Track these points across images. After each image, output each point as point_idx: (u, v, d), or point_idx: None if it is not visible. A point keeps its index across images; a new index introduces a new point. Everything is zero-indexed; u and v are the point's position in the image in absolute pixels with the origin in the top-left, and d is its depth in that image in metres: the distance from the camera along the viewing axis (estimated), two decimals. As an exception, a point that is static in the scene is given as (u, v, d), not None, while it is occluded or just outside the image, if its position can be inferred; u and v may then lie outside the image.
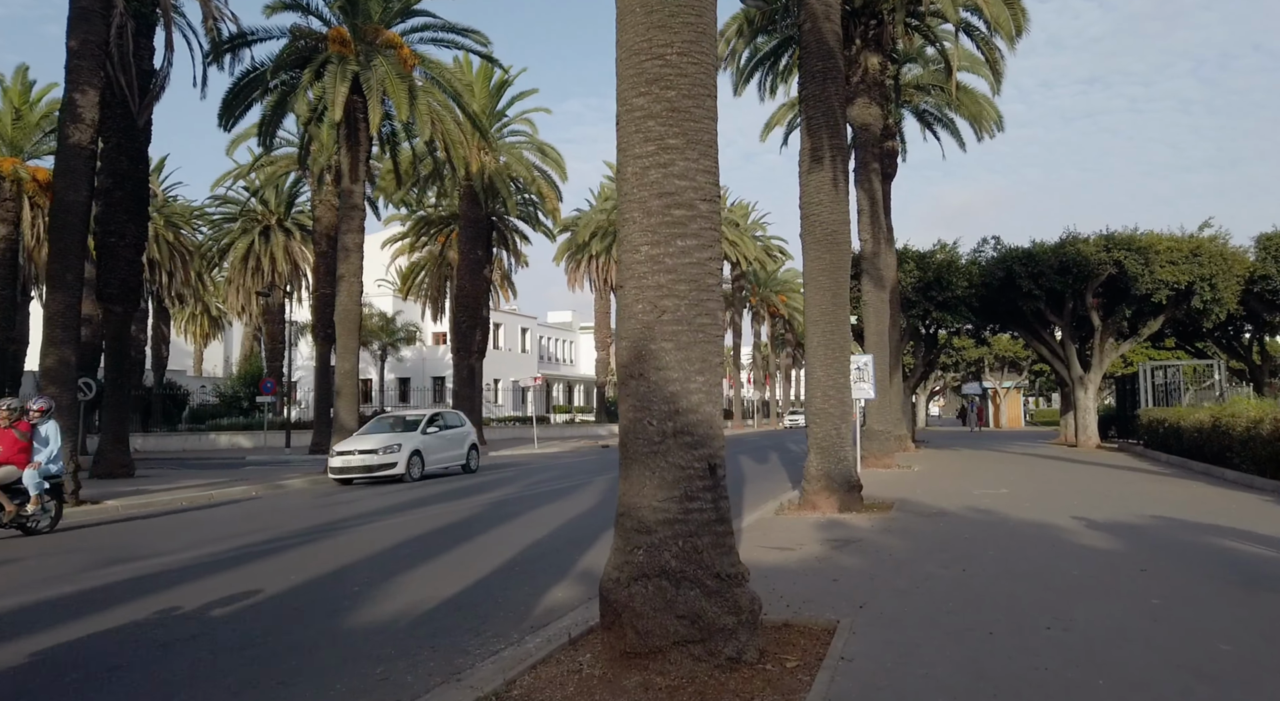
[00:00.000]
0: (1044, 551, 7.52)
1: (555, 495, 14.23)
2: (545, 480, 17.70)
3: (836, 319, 10.90)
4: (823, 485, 10.71)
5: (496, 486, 16.28)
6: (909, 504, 11.38)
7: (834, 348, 10.89)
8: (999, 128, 25.57)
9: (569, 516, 11.36)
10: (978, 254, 26.91)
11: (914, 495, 12.46)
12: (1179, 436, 18.60)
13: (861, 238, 19.05)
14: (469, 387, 31.24)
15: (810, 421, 11.08)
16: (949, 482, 14.60)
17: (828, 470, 10.74)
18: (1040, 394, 69.07)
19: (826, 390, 10.88)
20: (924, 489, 13.46)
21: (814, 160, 10.95)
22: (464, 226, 30.39)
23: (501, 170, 29.32)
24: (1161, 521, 9.24)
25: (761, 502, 12.14)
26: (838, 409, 10.87)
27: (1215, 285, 23.37)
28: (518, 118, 30.47)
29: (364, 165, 19.57)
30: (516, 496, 14.30)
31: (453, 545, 9.10)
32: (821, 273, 10.93)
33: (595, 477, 17.51)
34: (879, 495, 12.46)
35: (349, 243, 19.36)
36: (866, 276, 18.98)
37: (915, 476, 16.10)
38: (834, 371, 10.88)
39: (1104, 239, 24.31)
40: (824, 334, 10.91)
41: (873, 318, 18.74)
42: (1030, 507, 10.70)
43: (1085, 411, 26.18)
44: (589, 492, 14.59)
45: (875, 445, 18.35)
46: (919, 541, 8.17)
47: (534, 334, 72.39)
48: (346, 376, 19.11)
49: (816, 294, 10.98)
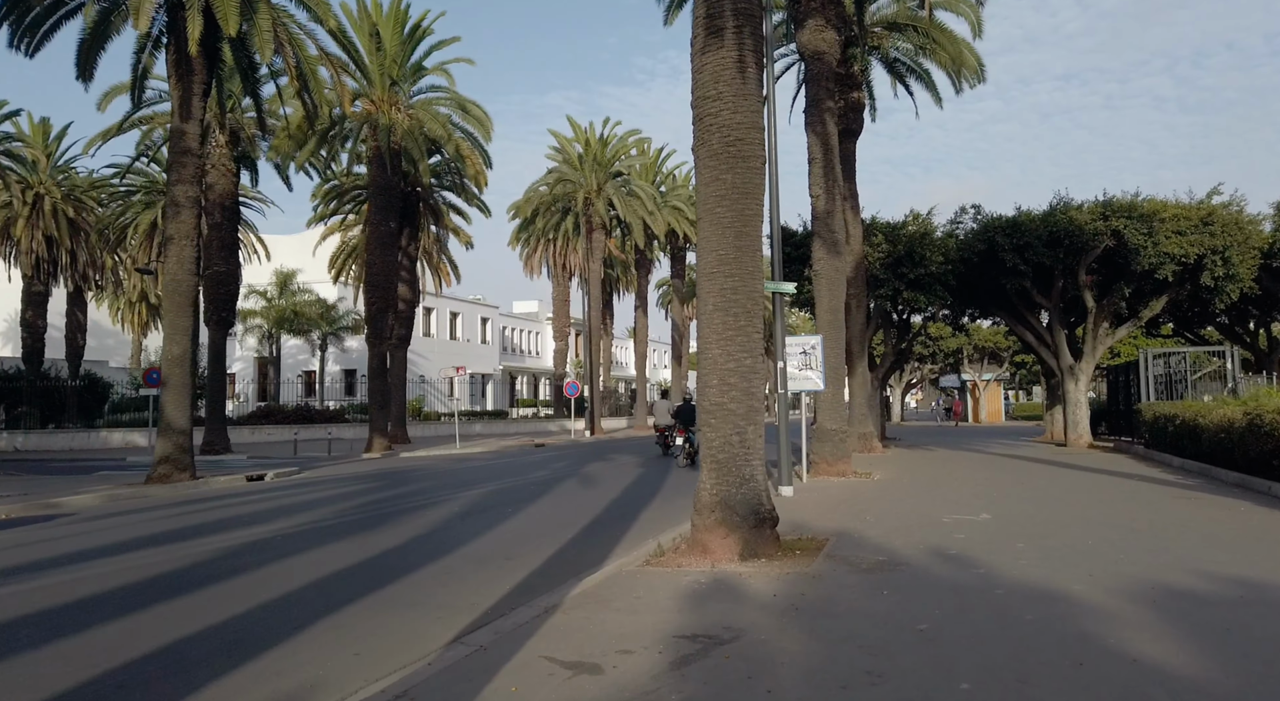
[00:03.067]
0: (1071, 683, 3.96)
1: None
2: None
3: (742, 270, 7.32)
4: (718, 518, 7.14)
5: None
6: (849, 542, 7.83)
7: (738, 313, 7.31)
8: (979, 78, 22.08)
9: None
10: (955, 226, 23.50)
11: (861, 524, 8.93)
12: (1195, 436, 15.24)
13: (813, 192, 15.49)
14: (381, 379, 27.43)
15: (702, 423, 7.51)
16: (914, 500, 11.09)
17: (726, 496, 7.17)
18: (1021, 387, 66.15)
19: (725, 376, 7.31)
20: (878, 512, 9.94)
21: (710, 31, 7.34)
22: (373, 194, 26.52)
23: (413, 128, 25.47)
24: (1250, 592, 5.69)
25: (645, 537, 8.57)
26: (742, 404, 7.30)
27: (1229, 259, 20.07)
28: (436, 69, 26.59)
29: (200, 100, 15.72)
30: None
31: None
32: (719, 201, 7.34)
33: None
34: (813, 523, 8.91)
35: (179, 195, 15.52)
36: (818, 240, 15.43)
37: (873, 489, 12.59)
38: (737, 348, 7.30)
39: (1101, 206, 20.94)
40: (722, 292, 7.33)
41: (825, 291, 15.20)
42: (1027, 553, 7.19)
43: (1076, 405, 22.85)
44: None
45: (828, 448, 14.85)
46: (839, 647, 4.59)
47: (496, 324, 68.71)
48: (175, 364, 15.31)
49: (712, 232, 7.39)
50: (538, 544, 8.41)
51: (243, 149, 27.75)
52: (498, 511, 11.17)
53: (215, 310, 27.81)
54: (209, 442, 27.48)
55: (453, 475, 17.29)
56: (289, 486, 15.59)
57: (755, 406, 7.37)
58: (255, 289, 48.57)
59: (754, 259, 7.42)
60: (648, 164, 43.83)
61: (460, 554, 7.96)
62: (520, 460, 21.84)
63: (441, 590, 6.47)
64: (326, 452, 26.67)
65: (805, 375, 13.71)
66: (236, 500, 13.33)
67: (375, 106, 25.82)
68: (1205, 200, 20.97)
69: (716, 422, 7.34)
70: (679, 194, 45.17)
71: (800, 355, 13.75)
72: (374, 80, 25.60)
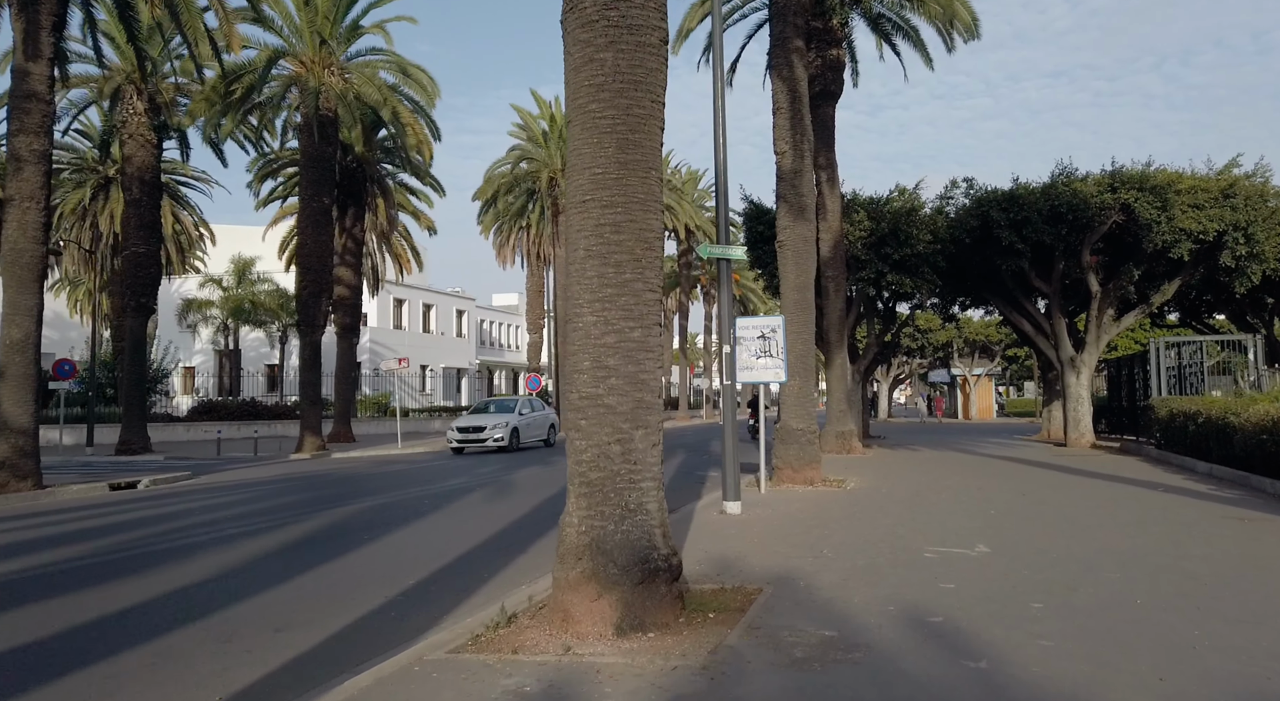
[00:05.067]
0: None
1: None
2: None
3: (628, 196, 4.90)
4: (586, 570, 4.73)
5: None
6: (790, 597, 5.44)
7: (621, 262, 4.90)
8: (973, 33, 19.73)
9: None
10: (945, 201, 21.10)
11: (815, 561, 6.55)
12: (1225, 438, 12.96)
13: (778, 148, 13.07)
14: (313, 371, 24.89)
15: (569, 426, 5.10)
16: (890, 519, 8.72)
17: (599, 536, 4.77)
18: (1012, 383, 64.04)
19: (601, 354, 4.90)
20: (841, 539, 7.56)
21: None
22: (304, 166, 23.96)
23: (345, 92, 22.91)
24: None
25: (521, 580, 6.18)
26: (626, 397, 4.89)
27: (1252, 236, 17.77)
28: (374, 28, 24.00)
29: (49, 34, 13.17)
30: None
31: None
32: (595, 93, 4.91)
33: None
34: (750, 560, 6.53)
35: (21, 149, 12.94)
36: (784, 204, 13.02)
37: (843, 503, 10.21)
38: (619, 314, 4.89)
39: (1108, 177, 18.59)
40: (598, 230, 4.92)
41: (792, 263, 12.79)
42: (1049, 622, 4.82)
43: (1078, 401, 20.54)
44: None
45: (793, 451, 12.46)
46: None
47: (473, 317, 66.26)
48: (15, 350, 12.71)
49: (585, 140, 4.97)
50: (353, 597, 5.99)
51: (163, 118, 25.13)
52: (352, 538, 8.75)
53: (134, 295, 25.23)
54: (125, 441, 24.96)
55: (357, 482, 14.84)
56: (152, 497, 13.13)
57: (646, 401, 4.97)
58: (212, 278, 46.00)
59: (647, 182, 5.00)
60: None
61: (219, 618, 5.47)
62: (450, 463, 19.34)
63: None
64: (253, 453, 24.19)
65: (764, 364, 11.32)
66: (57, 518, 10.85)
67: (305, 68, 23.26)
68: (1225, 171, 18.69)
69: (588, 424, 4.92)
70: (655, 177, 42.69)
71: (757, 340, 11.35)
72: (303, 37, 23.02)
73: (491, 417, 23.14)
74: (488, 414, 23.75)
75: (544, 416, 25.63)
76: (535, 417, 24.86)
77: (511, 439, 22.60)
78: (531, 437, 24.17)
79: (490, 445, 22.34)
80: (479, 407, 25.31)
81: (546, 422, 25.54)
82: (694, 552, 7.01)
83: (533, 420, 24.50)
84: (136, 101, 24.29)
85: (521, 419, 23.66)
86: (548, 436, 25.31)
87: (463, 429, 22.65)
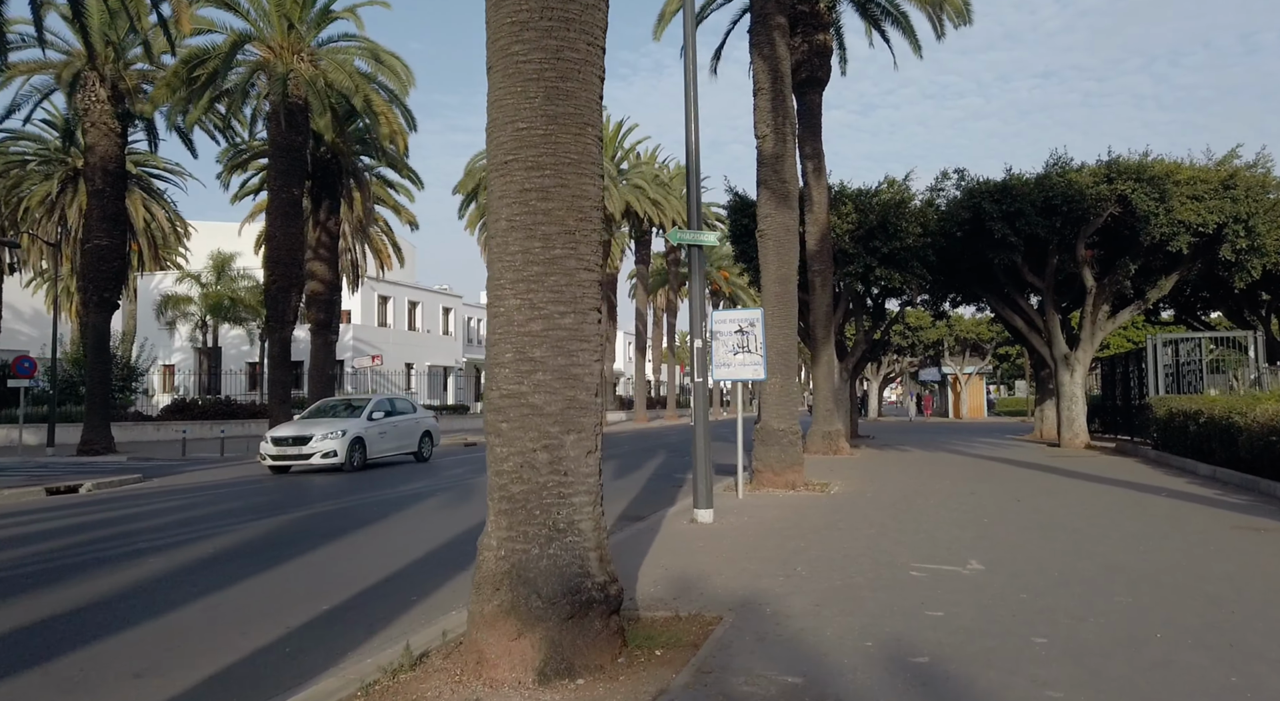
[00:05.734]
0: None
1: None
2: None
3: (558, 156, 4.12)
4: (504, 603, 3.95)
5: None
6: (753, 628, 4.66)
7: (550, 234, 4.12)
8: (965, 18, 19.01)
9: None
10: (936, 193, 20.41)
11: (786, 581, 5.77)
12: (1229, 439, 12.28)
13: (759, 131, 12.30)
14: (283, 369, 24.00)
15: (489, 429, 4.30)
16: (874, 529, 7.96)
17: (521, 562, 3.98)
18: (1003, 381, 63.54)
19: (525, 345, 4.11)
20: (817, 553, 6.79)
21: None
22: (273, 156, 23.04)
23: (315, 78, 22.02)
24: None
25: (445, 608, 5.39)
26: (556, 396, 4.11)
27: (1253, 228, 17.14)
28: (346, 12, 23.11)
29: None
30: None
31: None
32: (518, 34, 4.13)
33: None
34: (713, 579, 5.76)
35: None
36: (765, 190, 12.25)
37: (824, 510, 9.45)
38: (547, 296, 4.11)
39: (1104, 168, 17.92)
40: (522, 197, 4.14)
41: (773, 253, 12.02)
42: (1055, 666, 4.06)
43: (1072, 400, 19.86)
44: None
45: (774, 453, 11.71)
46: None
47: (460, 315, 65.31)
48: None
49: (507, 88, 4.19)
50: (249, 626, 5.18)
51: (126, 106, 24.17)
52: (280, 551, 7.94)
53: (96, 290, 24.24)
54: (87, 441, 23.98)
55: (306, 490, 13.99)
56: (89, 503, 12.26)
57: (580, 400, 4.18)
58: (190, 274, 45.02)
59: (582, 140, 4.21)
60: (606, 138, 40.47)
61: (76, 658, 4.50)
62: (418, 465, 18.29)
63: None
64: (220, 453, 23.29)
65: (741, 360, 10.56)
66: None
67: (273, 53, 22.36)
68: (1225, 161, 18.03)
69: (510, 428, 4.13)
70: (642, 171, 41.91)
71: (735, 335, 10.59)
72: (270, 20, 22.11)
73: (325, 423, 17.04)
74: (323, 419, 17.61)
75: (412, 422, 19.33)
76: (398, 424, 18.69)
77: (351, 453, 16.67)
78: (387, 450, 18.18)
79: (317, 463, 16.34)
80: (317, 409, 18.87)
81: (417, 430, 19.31)
82: (652, 570, 6.24)
83: (391, 427, 18.36)
84: (99, 88, 23.30)
85: (372, 426, 17.62)
86: (419, 448, 19.22)
87: (279, 440, 16.61)
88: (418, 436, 19.26)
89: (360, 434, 17.09)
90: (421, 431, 19.45)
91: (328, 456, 16.26)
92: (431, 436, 19.87)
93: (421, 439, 19.37)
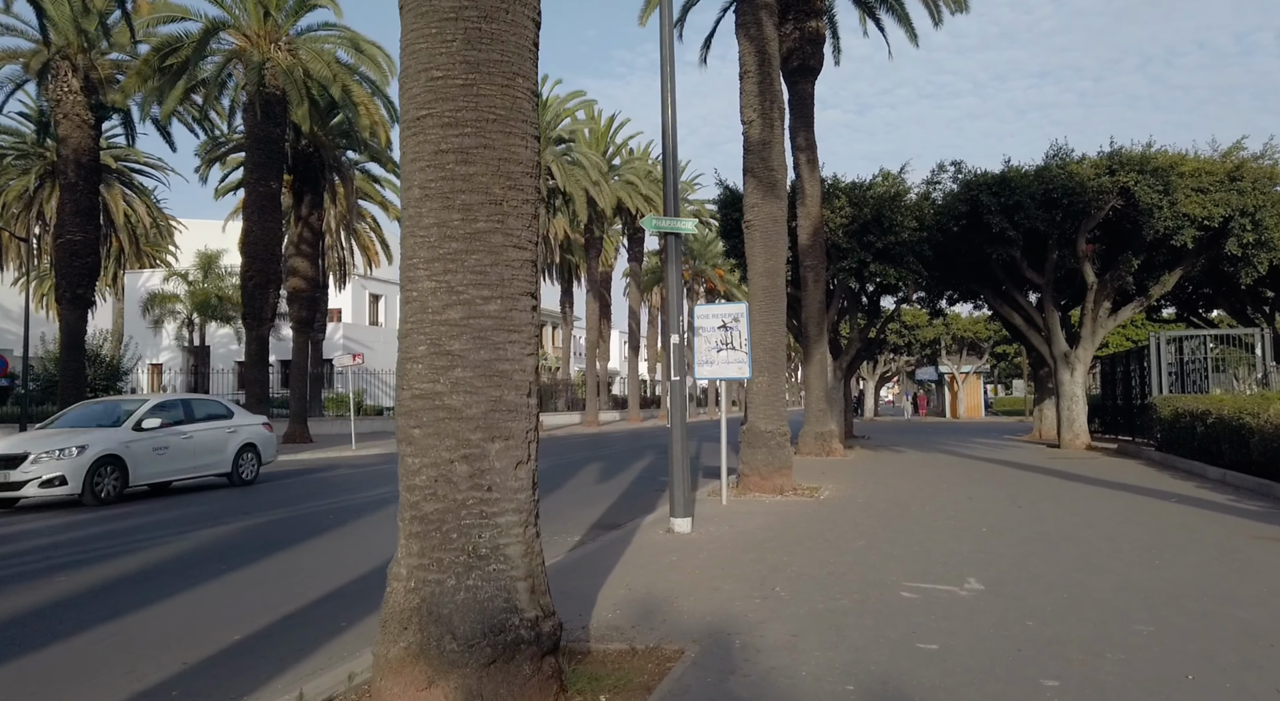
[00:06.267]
0: None
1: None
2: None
3: (481, 111, 3.48)
4: (412, 646, 3.31)
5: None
6: (718, 664, 4.01)
7: (471, 205, 3.48)
8: (961, 5, 18.37)
9: None
10: (932, 186, 19.76)
11: (763, 604, 5.12)
12: (1240, 441, 11.67)
13: (745, 116, 11.65)
14: (259, 368, 23.34)
15: (400, 440, 3.64)
16: (863, 540, 7.32)
17: (434, 595, 3.34)
18: (1000, 380, 62.97)
19: (442, 336, 3.47)
20: (800, 568, 6.15)
21: None
22: (249, 147, 22.40)
23: (293, 68, 21.34)
24: None
25: (367, 643, 4.74)
26: (478, 396, 3.47)
27: (1260, 222, 16.52)
28: (325, 0, 22.42)
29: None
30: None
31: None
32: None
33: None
34: (681, 603, 5.11)
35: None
36: (752, 179, 11.60)
37: (811, 518, 8.80)
38: (468, 278, 3.47)
39: (1106, 159, 17.30)
40: (438, 160, 3.49)
41: (760, 245, 11.38)
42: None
43: (1072, 400, 19.24)
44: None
45: (761, 456, 11.07)
46: None
47: (452, 313, 64.45)
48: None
49: (418, 29, 3.54)
50: (143, 661, 4.55)
51: (99, 97, 23.48)
52: (207, 568, 7.29)
53: (69, 286, 23.57)
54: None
55: (277, 493, 13.33)
56: (25, 511, 11.59)
57: (508, 401, 3.53)
58: (176, 272, 44.33)
59: (510, 93, 3.56)
60: (598, 133, 39.85)
61: None
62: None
63: None
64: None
65: (725, 357, 9.92)
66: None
67: (250, 42, 21.68)
68: (1230, 152, 17.42)
69: (424, 435, 3.48)
70: (634, 167, 41.22)
71: (718, 330, 9.95)
72: (246, 7, 21.44)
73: (60, 437, 12.04)
74: (63, 431, 12.56)
75: (221, 431, 13.99)
76: (193, 435, 13.45)
77: (95, 479, 11.73)
78: (175, 472, 13.19)
79: (33, 495, 11.50)
80: (74, 417, 13.43)
81: (231, 443, 14.08)
82: (614, 591, 5.59)
83: (180, 440, 13.17)
84: (70, 78, 22.62)
85: (141, 438, 12.47)
86: (235, 467, 14.11)
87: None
88: (232, 451, 14.07)
89: (112, 450, 12.02)
90: (238, 444, 14.20)
91: (49, 484, 11.37)
92: (257, 450, 14.64)
93: (239, 454, 14.19)
